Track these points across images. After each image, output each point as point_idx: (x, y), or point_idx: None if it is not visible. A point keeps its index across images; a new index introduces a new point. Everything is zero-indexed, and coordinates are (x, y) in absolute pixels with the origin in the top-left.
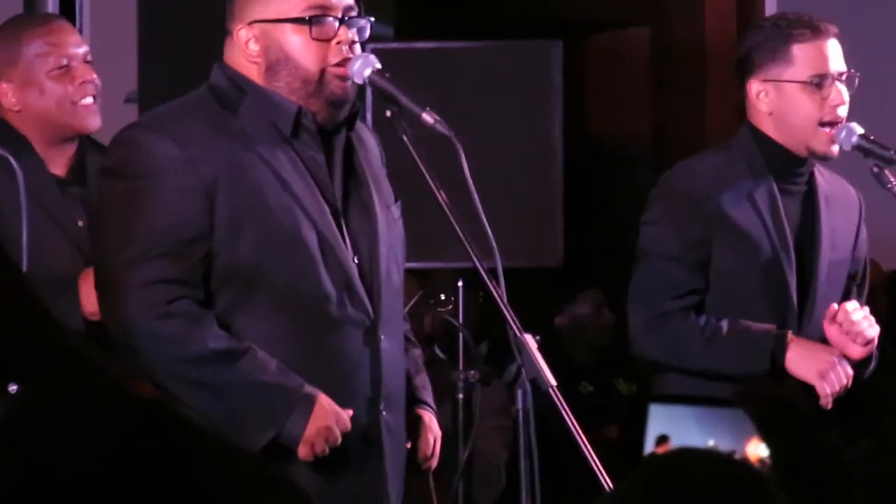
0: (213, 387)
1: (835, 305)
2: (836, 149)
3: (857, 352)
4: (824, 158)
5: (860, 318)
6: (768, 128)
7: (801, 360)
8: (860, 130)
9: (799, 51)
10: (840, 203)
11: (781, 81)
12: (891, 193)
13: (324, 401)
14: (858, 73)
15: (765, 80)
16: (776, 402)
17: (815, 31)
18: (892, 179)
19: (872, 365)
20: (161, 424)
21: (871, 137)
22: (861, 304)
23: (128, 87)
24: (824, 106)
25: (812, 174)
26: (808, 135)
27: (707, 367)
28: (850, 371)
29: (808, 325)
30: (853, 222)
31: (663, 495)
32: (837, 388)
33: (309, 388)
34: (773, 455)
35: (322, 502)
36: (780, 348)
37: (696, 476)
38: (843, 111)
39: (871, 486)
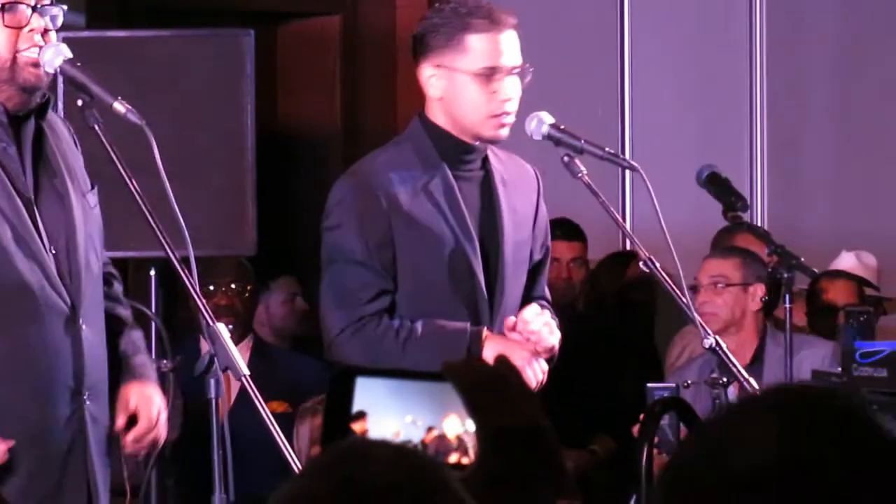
0: None
1: (511, 318)
2: (504, 133)
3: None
4: (493, 142)
5: (539, 327)
6: (436, 115)
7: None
8: (550, 120)
9: (474, 41)
10: (518, 183)
11: (453, 69)
12: (582, 182)
13: None
14: (531, 67)
15: (437, 66)
16: (487, 377)
17: (493, 22)
18: (583, 168)
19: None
20: None
21: (562, 127)
22: (544, 285)
23: None
24: (493, 99)
25: (486, 158)
26: (475, 124)
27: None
28: (546, 366)
29: (500, 309)
30: (532, 201)
31: (339, 488)
32: (534, 383)
33: None
34: (479, 431)
35: (26, 497)
36: (476, 346)
37: (370, 469)
38: (512, 105)
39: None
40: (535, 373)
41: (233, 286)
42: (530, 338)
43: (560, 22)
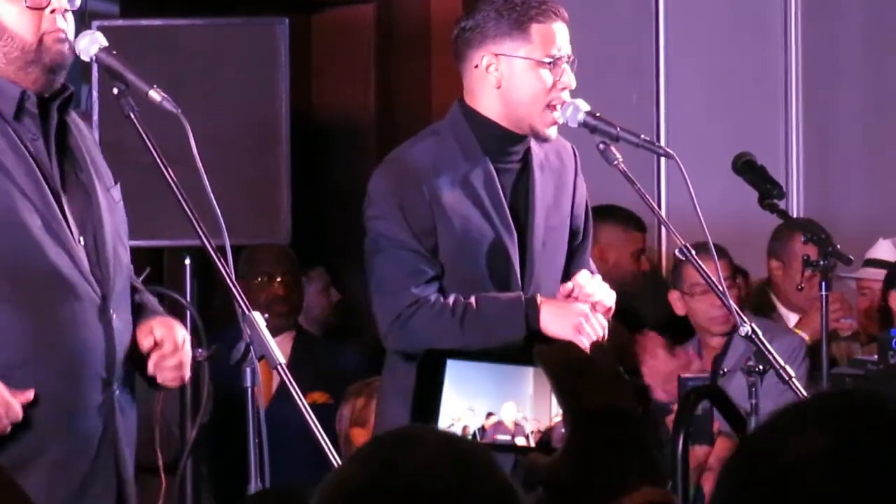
0: None
1: (568, 284)
2: (554, 132)
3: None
4: (544, 140)
5: (595, 289)
6: (486, 104)
7: (554, 319)
8: (586, 107)
9: (537, 30)
10: (555, 165)
11: (516, 57)
12: (617, 170)
13: None
14: (575, 59)
15: (497, 54)
16: (577, 361)
17: (553, 13)
18: (619, 156)
19: None
20: None
21: (597, 114)
22: (588, 260)
23: None
24: (554, 87)
25: (528, 149)
26: (533, 113)
27: (466, 345)
28: (605, 321)
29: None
30: (569, 180)
31: (382, 474)
32: (595, 338)
33: None
34: (566, 414)
35: (56, 486)
36: (533, 311)
37: (414, 456)
38: (567, 95)
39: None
40: (595, 328)
41: (288, 276)
42: (588, 301)
43: (596, 10)
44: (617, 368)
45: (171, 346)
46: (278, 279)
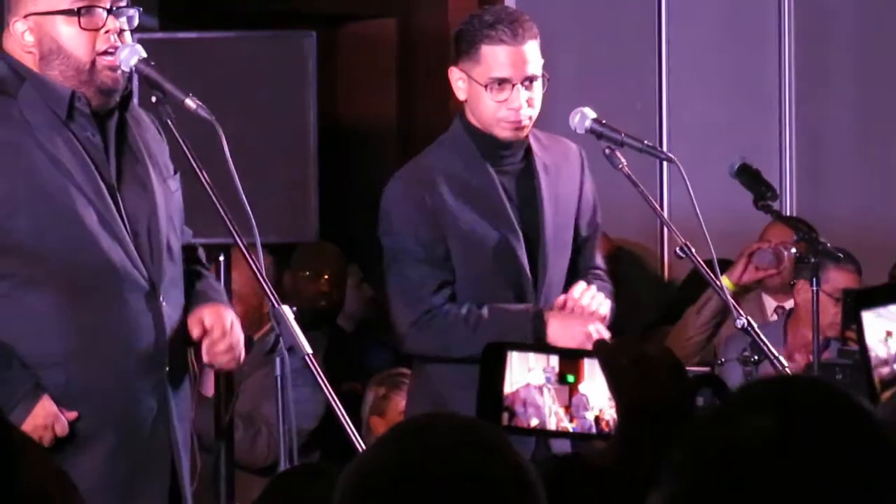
0: None
1: (561, 298)
2: (521, 134)
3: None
4: (513, 141)
5: (589, 300)
6: (470, 115)
7: (561, 332)
8: (593, 115)
9: (487, 52)
10: (561, 165)
11: (470, 77)
12: (622, 173)
13: (46, 402)
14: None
15: (461, 70)
16: (634, 355)
17: (511, 35)
18: (623, 160)
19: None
20: None
21: (603, 121)
22: (594, 255)
23: None
24: (503, 107)
25: (529, 149)
26: (491, 126)
27: (476, 354)
28: (608, 334)
29: (542, 289)
30: (575, 181)
31: (399, 460)
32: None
33: (36, 387)
34: (618, 405)
35: (112, 472)
36: (541, 324)
37: (431, 441)
38: (525, 112)
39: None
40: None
41: (335, 276)
42: (584, 313)
43: (601, 23)
44: (677, 364)
45: (220, 331)
46: (325, 276)
